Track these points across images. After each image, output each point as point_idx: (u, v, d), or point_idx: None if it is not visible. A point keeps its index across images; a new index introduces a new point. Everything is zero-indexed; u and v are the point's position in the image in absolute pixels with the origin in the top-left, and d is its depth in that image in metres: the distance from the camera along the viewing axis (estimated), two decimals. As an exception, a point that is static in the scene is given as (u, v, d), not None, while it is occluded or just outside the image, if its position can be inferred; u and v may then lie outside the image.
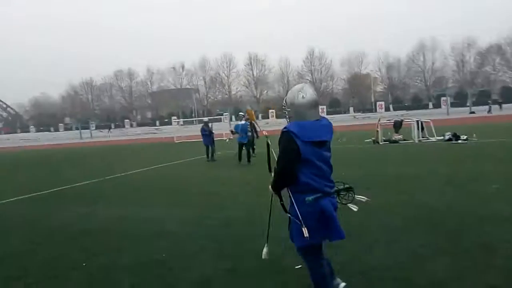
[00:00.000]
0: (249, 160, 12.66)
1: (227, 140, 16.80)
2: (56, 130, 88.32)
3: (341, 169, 9.92)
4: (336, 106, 77.97)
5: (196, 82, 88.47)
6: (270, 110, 69.66)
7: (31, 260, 4.71)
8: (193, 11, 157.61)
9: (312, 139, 2.68)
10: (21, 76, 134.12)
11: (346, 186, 2.92)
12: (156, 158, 17.51)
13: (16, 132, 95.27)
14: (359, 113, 62.44)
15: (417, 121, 17.02)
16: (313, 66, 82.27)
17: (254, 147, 14.31)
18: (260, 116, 70.03)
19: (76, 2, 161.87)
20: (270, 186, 2.87)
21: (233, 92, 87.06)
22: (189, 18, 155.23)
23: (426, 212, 5.55)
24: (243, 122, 13.03)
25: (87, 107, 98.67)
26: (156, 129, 67.55)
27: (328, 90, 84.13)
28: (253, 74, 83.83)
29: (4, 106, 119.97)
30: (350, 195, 2.91)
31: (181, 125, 42.68)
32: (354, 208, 2.91)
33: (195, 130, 25.93)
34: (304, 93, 2.74)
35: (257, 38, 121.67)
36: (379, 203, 6.19)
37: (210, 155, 14.65)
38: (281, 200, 2.87)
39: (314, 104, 2.76)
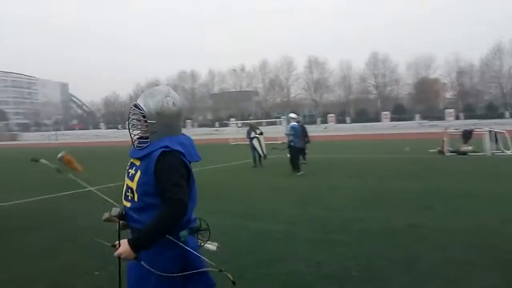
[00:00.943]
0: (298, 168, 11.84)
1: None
2: (124, 128, 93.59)
3: (397, 183, 9.06)
4: (401, 113, 74.04)
5: (256, 84, 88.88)
6: (330, 115, 68.08)
7: (50, 263, 4.51)
8: (251, 15, 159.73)
9: (194, 160, 2.03)
10: (97, 76, 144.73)
11: (204, 222, 2.05)
12: (207, 159, 17.43)
13: (88, 129, 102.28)
14: (425, 121, 58.72)
15: (490, 131, 15.27)
16: (377, 69, 78.96)
17: (306, 151, 13.60)
18: (319, 120, 68.63)
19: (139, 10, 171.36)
20: (130, 246, 1.82)
21: (292, 95, 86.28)
22: (251, 21, 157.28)
23: (498, 242, 4.58)
24: (294, 124, 12.29)
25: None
26: (216, 130, 68.77)
27: (392, 95, 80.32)
28: (312, 77, 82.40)
29: (80, 103, 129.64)
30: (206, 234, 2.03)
31: (239, 127, 42.91)
32: (213, 246, 1.99)
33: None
34: (173, 98, 2.00)
35: (317, 41, 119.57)
36: (439, 227, 5.31)
37: (257, 160, 14.10)
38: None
39: (181, 114, 2.08)
